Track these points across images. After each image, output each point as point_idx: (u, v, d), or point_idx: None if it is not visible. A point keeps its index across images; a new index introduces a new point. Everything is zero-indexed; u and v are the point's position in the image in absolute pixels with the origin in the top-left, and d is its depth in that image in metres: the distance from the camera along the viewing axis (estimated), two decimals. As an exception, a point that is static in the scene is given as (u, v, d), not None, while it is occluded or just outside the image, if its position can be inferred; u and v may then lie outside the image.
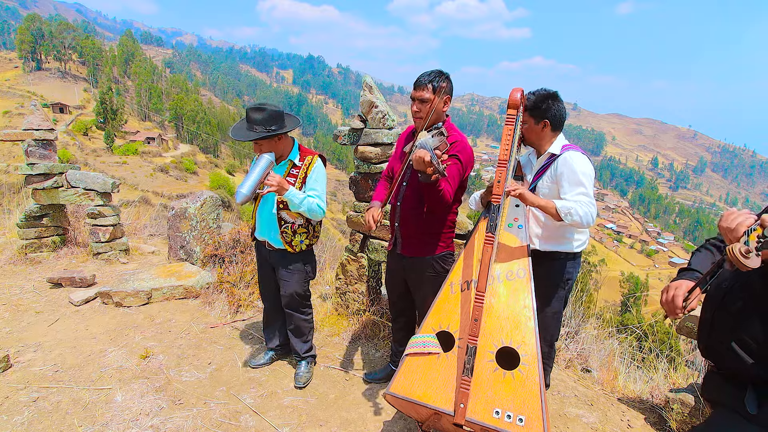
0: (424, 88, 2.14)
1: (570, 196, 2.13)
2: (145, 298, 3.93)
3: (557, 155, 2.28)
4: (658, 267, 77.36)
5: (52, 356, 3.03)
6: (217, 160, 72.66)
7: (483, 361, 1.91)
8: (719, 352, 1.48)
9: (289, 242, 2.63)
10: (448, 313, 2.09)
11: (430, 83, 2.14)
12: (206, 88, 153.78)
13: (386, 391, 2.01)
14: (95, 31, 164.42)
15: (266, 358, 3.04)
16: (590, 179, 2.16)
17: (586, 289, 7.71)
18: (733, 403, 1.42)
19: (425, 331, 2.08)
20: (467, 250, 2.21)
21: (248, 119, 2.41)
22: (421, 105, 2.16)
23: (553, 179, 2.27)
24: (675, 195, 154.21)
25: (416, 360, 2.03)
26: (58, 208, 5.23)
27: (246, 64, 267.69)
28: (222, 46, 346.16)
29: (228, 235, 4.75)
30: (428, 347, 2.03)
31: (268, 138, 2.42)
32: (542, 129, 2.30)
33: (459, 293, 2.12)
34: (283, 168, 2.59)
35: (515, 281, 2.06)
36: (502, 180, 1.90)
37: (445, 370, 1.97)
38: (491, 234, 1.89)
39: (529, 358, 1.87)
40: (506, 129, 1.93)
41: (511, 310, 2.00)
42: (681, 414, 2.49)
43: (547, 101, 2.25)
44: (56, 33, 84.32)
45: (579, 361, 3.32)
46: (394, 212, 2.43)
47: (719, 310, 1.47)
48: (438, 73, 2.16)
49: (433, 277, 2.40)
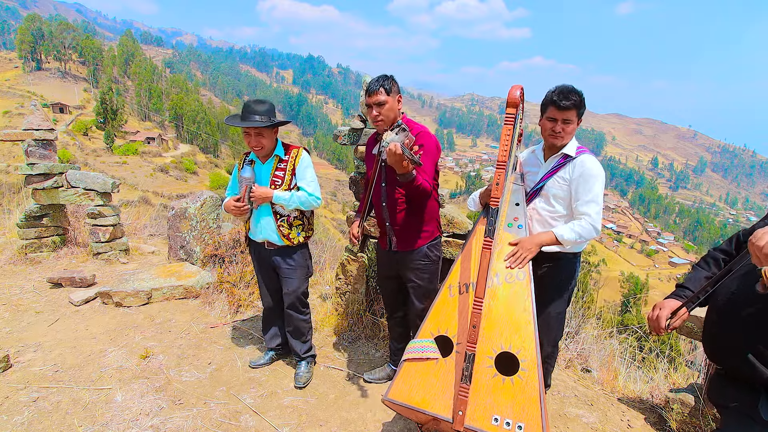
0: (377, 93, 2.28)
1: (581, 203, 2.19)
2: (145, 298, 3.93)
3: (573, 157, 2.24)
4: (658, 267, 77.35)
5: (52, 356, 3.03)
6: (217, 160, 72.68)
7: (482, 367, 1.89)
8: (728, 357, 1.46)
9: (286, 236, 2.66)
10: (446, 316, 2.07)
11: (381, 87, 2.29)
12: (206, 88, 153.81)
13: (384, 396, 2.00)
14: (95, 31, 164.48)
15: (266, 358, 3.04)
16: (603, 187, 2.22)
17: (587, 290, 7.71)
18: (746, 408, 1.41)
19: (423, 336, 2.06)
20: (465, 252, 2.17)
21: (249, 110, 2.48)
22: (379, 108, 2.30)
23: (567, 181, 2.24)
24: (675, 195, 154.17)
25: (414, 365, 2.01)
26: (58, 208, 5.23)
27: (246, 64, 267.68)
28: (222, 46, 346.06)
29: (228, 235, 4.75)
30: (426, 352, 2.01)
31: (270, 127, 2.51)
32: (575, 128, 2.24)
33: (457, 296, 2.09)
34: (270, 163, 2.64)
35: (515, 284, 2.02)
36: (501, 182, 1.86)
37: (443, 376, 1.95)
38: (489, 238, 1.85)
39: (529, 363, 1.84)
40: (505, 129, 1.88)
41: (511, 314, 1.96)
42: (681, 414, 2.49)
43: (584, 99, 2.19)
44: (56, 33, 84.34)
45: (579, 361, 3.32)
46: (381, 213, 2.49)
47: (727, 314, 1.45)
48: (385, 77, 2.33)
49: (429, 264, 2.51)
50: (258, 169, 2.66)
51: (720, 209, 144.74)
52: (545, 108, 2.22)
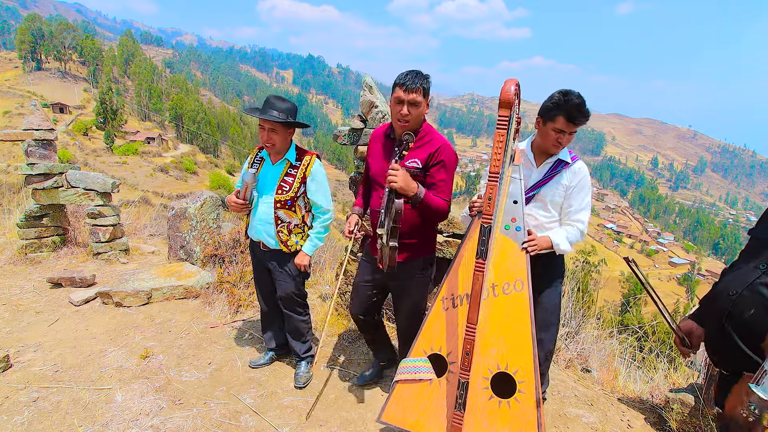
0: (415, 92, 2.03)
1: (575, 210, 2.24)
2: (145, 298, 3.93)
3: (568, 163, 2.24)
4: (658, 267, 77.38)
5: (52, 356, 3.03)
6: (217, 160, 72.71)
7: (478, 388, 1.81)
8: (733, 362, 1.45)
9: (284, 242, 2.61)
10: (439, 333, 1.97)
11: (421, 86, 2.04)
12: (206, 88, 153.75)
13: (378, 419, 1.97)
14: (95, 31, 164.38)
15: (266, 358, 3.04)
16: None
17: (587, 290, 7.69)
18: None
19: (416, 354, 1.98)
20: (457, 261, 2.03)
21: (269, 105, 2.46)
22: (412, 108, 2.05)
23: (565, 187, 2.23)
24: (675, 195, 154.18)
25: (408, 387, 1.94)
26: (58, 208, 5.23)
27: (246, 64, 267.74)
28: (222, 46, 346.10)
29: (228, 235, 4.75)
30: (420, 373, 1.94)
31: (287, 125, 2.48)
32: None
33: (451, 309, 1.98)
34: (280, 167, 2.59)
35: (512, 295, 1.88)
36: (494, 197, 1.65)
37: (437, 398, 1.88)
38: (482, 260, 1.66)
39: (526, 384, 1.76)
40: (498, 134, 1.59)
41: (508, 330, 1.83)
42: (681, 414, 2.49)
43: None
44: (56, 33, 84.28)
45: (579, 361, 3.32)
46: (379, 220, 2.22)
47: (729, 318, 1.44)
48: (423, 76, 2.07)
49: (421, 278, 2.37)
50: (266, 169, 2.62)
51: (720, 209, 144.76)
52: (553, 117, 2.12)
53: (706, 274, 68.76)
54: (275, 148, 2.52)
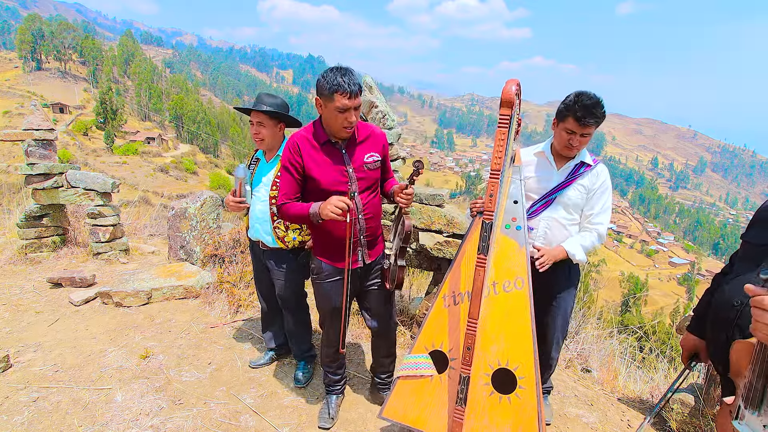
0: (360, 94, 1.94)
1: (596, 214, 2.24)
2: (145, 298, 3.93)
3: (590, 165, 2.22)
4: (658, 267, 77.40)
5: (52, 356, 3.03)
6: (217, 160, 72.71)
7: (478, 384, 1.83)
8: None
9: (281, 238, 2.60)
10: (440, 329, 1.98)
11: (361, 86, 1.97)
12: (206, 88, 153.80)
13: (379, 415, 1.99)
14: (95, 31, 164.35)
15: (266, 358, 3.04)
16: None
17: (587, 290, 7.69)
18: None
19: (417, 351, 1.99)
20: (458, 259, 2.04)
21: (259, 100, 2.50)
22: (356, 112, 1.98)
23: (587, 190, 2.22)
24: (675, 195, 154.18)
25: (409, 383, 1.96)
26: (58, 208, 5.23)
27: (246, 64, 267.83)
28: (222, 46, 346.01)
29: (228, 235, 4.74)
30: (421, 369, 1.96)
31: (275, 117, 2.49)
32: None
33: (452, 307, 1.98)
34: (274, 163, 2.59)
35: (512, 293, 1.89)
36: (495, 194, 1.68)
37: (438, 394, 1.89)
38: (483, 256, 1.69)
39: (527, 380, 1.77)
40: (499, 133, 1.63)
41: (508, 327, 1.85)
42: (681, 414, 2.49)
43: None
44: (56, 33, 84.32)
45: (579, 361, 3.32)
46: (355, 227, 2.14)
47: (736, 328, 1.42)
48: (355, 72, 1.98)
49: (383, 269, 2.32)
50: (261, 167, 2.63)
51: (720, 209, 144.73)
52: (563, 117, 2.11)
53: (706, 274, 68.72)
54: (265, 143, 2.54)
